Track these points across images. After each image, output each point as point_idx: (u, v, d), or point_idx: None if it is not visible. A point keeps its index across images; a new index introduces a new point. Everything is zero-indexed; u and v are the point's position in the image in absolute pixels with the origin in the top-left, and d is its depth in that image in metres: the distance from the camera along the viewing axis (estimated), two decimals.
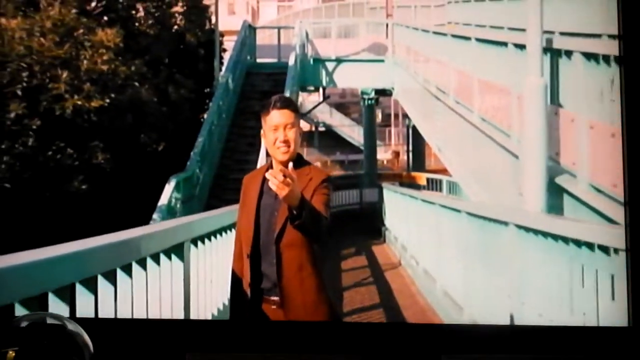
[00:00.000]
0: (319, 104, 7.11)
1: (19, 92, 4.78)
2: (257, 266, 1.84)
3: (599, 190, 2.80)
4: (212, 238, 2.53)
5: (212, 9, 6.26)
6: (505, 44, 3.78)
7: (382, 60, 6.24)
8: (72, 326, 1.34)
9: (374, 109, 6.89)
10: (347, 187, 7.08)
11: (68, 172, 5.08)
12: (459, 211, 3.73)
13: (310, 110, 7.17)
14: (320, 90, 7.16)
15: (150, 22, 5.80)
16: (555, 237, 2.57)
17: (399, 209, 5.79)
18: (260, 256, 1.84)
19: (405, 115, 7.07)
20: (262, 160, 4.75)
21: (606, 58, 2.85)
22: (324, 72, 6.19)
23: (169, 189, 5.07)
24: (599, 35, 3.08)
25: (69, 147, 5.08)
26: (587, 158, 2.85)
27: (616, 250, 2.36)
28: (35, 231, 4.61)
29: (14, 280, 1.60)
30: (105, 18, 5.61)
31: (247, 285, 1.86)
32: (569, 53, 3.06)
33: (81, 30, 5.25)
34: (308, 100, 7.62)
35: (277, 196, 1.65)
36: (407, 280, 4.95)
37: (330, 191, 1.86)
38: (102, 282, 1.93)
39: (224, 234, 2.68)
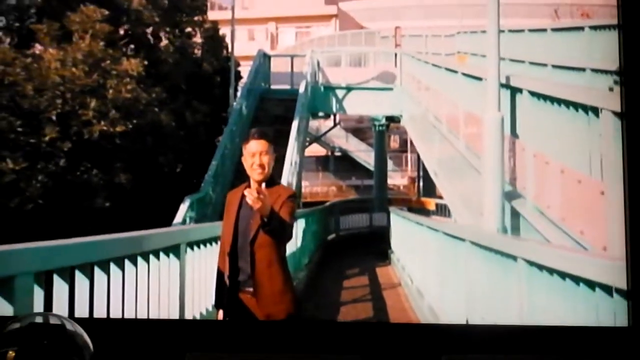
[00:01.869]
0: (330, 129, 8.15)
1: (54, 118, 6.02)
2: (235, 263, 2.61)
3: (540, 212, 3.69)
4: (208, 245, 3.47)
5: (229, 38, 7.45)
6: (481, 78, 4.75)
7: (391, 89, 7.25)
8: (72, 326, 1.51)
9: (384, 135, 7.88)
10: (358, 211, 8.03)
11: (93, 191, 6.25)
12: (438, 231, 4.66)
13: (321, 136, 8.21)
14: (338, 116, 8.20)
15: (171, 50, 7.02)
16: (496, 252, 3.46)
17: (401, 232, 6.71)
18: (238, 255, 2.61)
19: None
20: None
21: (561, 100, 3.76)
22: (334, 99, 7.25)
23: (183, 208, 6.12)
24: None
25: (95, 168, 6.26)
26: (532, 183, 3.74)
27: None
28: None
29: (50, 255, 2.59)
30: (132, 46, 6.85)
31: (227, 278, 2.61)
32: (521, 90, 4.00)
33: (108, 61, 6.48)
34: (324, 125, 8.65)
35: (252, 208, 2.41)
36: (402, 298, 5.84)
37: (294, 204, 2.70)
38: (113, 268, 2.88)
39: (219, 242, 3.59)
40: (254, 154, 2.69)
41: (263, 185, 2.57)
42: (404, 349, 2.80)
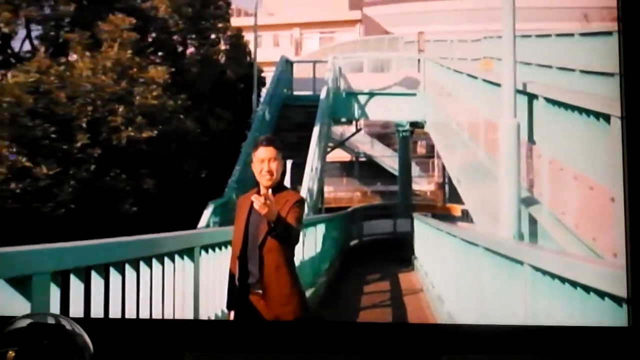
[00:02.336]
0: (352, 135, 8.26)
1: (84, 124, 6.30)
2: (245, 266, 2.78)
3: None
4: (224, 248, 3.63)
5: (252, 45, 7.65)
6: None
7: (414, 94, 7.32)
8: (72, 326, 1.54)
9: (408, 140, 7.94)
10: (382, 217, 8.11)
11: (121, 196, 6.51)
12: (456, 237, 4.74)
13: (343, 142, 8.32)
14: (361, 121, 8.31)
15: (196, 58, 7.27)
16: (506, 258, 3.52)
17: (424, 238, 6.78)
18: (247, 258, 2.77)
19: None
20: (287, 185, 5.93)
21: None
22: (356, 105, 7.36)
23: (207, 213, 6.32)
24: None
25: (123, 174, 6.52)
26: (547, 189, 3.80)
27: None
28: None
29: (67, 255, 2.77)
30: (160, 53, 7.11)
31: (238, 280, 2.79)
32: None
33: (135, 69, 6.74)
34: (349, 131, 8.77)
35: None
36: (422, 304, 5.90)
37: (301, 210, 2.86)
38: (128, 269, 3.05)
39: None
40: (263, 160, 2.88)
41: (270, 191, 2.71)
42: (404, 349, 2.86)
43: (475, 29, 7.54)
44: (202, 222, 6.26)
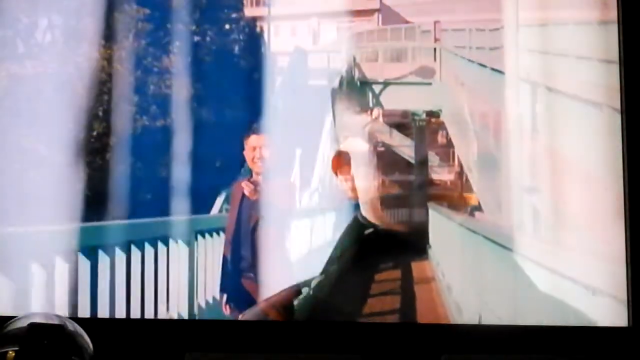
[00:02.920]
0: (367, 124, 8.30)
1: (100, 114, 6.52)
2: (238, 250, 3.06)
3: None
4: (222, 233, 3.75)
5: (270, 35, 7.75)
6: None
7: (430, 83, 7.33)
8: (71, 326, 1.59)
9: (424, 130, 7.96)
10: (397, 207, 8.15)
11: (137, 184, 6.72)
12: (462, 226, 4.79)
13: (359, 131, 8.37)
14: (379, 111, 8.34)
15: (212, 48, 7.41)
16: (501, 247, 3.57)
17: (437, 226, 6.83)
18: (240, 243, 3.05)
19: None
20: (297, 175, 6.04)
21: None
22: (370, 94, 7.41)
23: (219, 200, 6.49)
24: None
25: (138, 162, 6.72)
26: (549, 179, 3.82)
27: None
28: None
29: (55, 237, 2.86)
30: (178, 43, 7.27)
31: (231, 264, 3.07)
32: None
33: (149, 59, 6.92)
34: (365, 120, 8.80)
35: None
36: (433, 295, 5.98)
37: (292, 196, 3.05)
38: (117, 252, 3.18)
39: None
40: (255, 147, 3.02)
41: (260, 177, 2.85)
42: (404, 349, 2.98)
43: (497, 18, 7.50)
44: (215, 209, 6.42)
